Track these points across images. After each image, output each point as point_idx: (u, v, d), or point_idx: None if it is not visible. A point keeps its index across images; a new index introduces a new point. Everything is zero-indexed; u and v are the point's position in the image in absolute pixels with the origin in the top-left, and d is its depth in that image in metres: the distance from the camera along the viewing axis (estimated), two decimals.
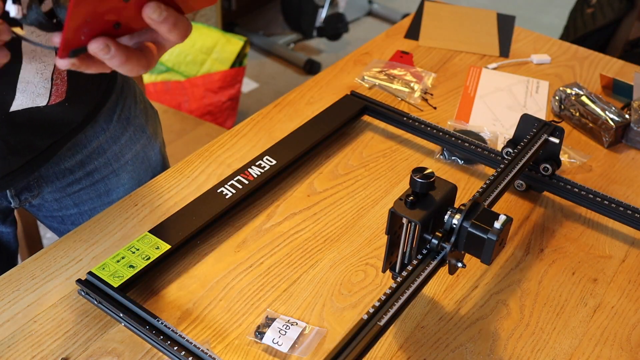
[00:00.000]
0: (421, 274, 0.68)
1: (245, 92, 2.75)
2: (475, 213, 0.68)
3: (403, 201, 0.69)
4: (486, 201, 0.77)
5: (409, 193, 0.69)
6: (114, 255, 0.74)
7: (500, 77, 1.23)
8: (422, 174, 0.68)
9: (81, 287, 0.71)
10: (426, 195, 0.69)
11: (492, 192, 0.79)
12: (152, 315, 0.67)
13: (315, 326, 0.73)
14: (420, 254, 0.70)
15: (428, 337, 0.74)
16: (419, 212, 0.68)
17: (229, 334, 0.72)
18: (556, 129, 0.90)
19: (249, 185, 0.87)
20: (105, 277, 0.71)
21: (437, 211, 0.69)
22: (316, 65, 2.90)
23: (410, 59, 1.24)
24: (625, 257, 0.86)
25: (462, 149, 0.96)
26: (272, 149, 0.94)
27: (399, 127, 1.03)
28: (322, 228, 0.86)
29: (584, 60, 1.29)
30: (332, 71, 1.19)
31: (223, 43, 2.35)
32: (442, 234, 0.69)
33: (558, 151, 0.90)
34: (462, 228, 0.67)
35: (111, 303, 0.69)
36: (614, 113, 1.06)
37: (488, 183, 0.80)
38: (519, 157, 0.86)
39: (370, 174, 0.96)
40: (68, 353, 0.68)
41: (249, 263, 0.80)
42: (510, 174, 0.82)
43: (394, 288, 0.66)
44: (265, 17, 3.30)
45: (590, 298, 0.80)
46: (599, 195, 0.88)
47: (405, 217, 0.68)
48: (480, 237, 0.67)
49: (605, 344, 0.75)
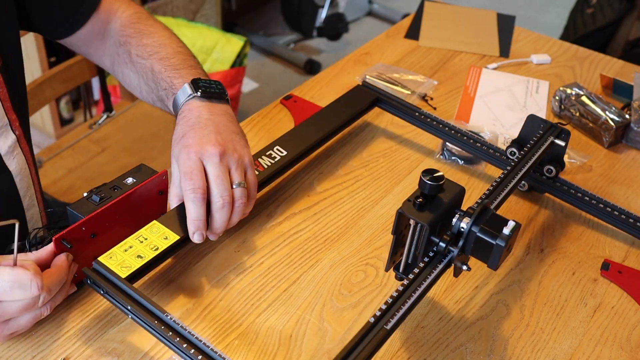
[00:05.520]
0: (427, 277, 0.67)
1: (245, 92, 2.75)
2: (484, 218, 0.67)
3: (411, 202, 0.68)
4: (493, 204, 0.77)
5: (418, 195, 0.68)
6: (122, 244, 0.71)
7: (500, 77, 1.23)
8: (431, 176, 0.67)
9: (88, 276, 0.68)
10: (435, 197, 0.68)
11: (499, 194, 0.78)
12: (160, 310, 0.65)
13: (315, 326, 0.73)
14: (427, 256, 0.69)
15: (428, 337, 0.74)
16: (427, 215, 0.67)
17: (229, 334, 0.72)
18: (562, 131, 0.89)
19: (260, 175, 0.85)
20: (113, 266, 0.69)
21: (445, 214, 0.69)
22: (316, 65, 2.90)
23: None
24: (625, 257, 0.86)
25: (471, 147, 0.95)
26: (283, 139, 0.92)
27: (409, 121, 1.00)
28: (322, 228, 0.86)
29: (584, 60, 1.29)
30: (332, 71, 1.19)
31: (223, 43, 2.35)
32: (450, 237, 0.68)
33: (563, 153, 0.90)
34: (471, 232, 0.67)
35: (119, 294, 0.66)
36: (614, 113, 1.06)
37: (495, 185, 0.79)
38: (525, 159, 0.85)
39: (371, 174, 0.96)
40: (68, 353, 0.68)
41: (249, 263, 0.80)
42: (516, 177, 0.82)
43: (400, 291, 0.65)
44: (265, 17, 3.30)
45: (590, 298, 0.80)
46: (602, 202, 0.87)
47: (413, 219, 0.68)
48: (488, 243, 0.66)
49: (605, 344, 0.74)
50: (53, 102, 2.22)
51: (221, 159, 0.73)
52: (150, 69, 0.86)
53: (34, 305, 0.64)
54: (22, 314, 0.64)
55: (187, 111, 0.79)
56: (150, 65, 0.86)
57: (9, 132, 0.84)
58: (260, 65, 2.97)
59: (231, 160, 0.74)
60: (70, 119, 2.37)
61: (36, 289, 0.62)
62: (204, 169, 0.73)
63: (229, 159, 0.74)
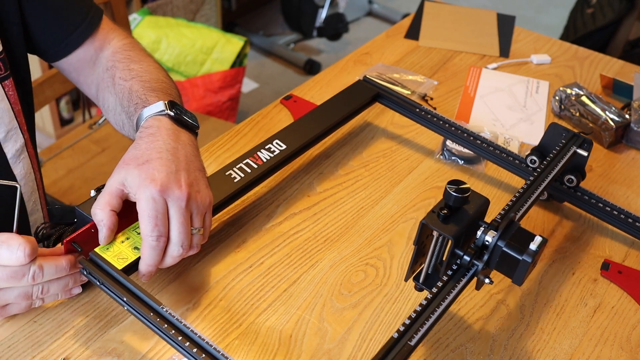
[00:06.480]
0: (451, 292, 0.66)
1: (245, 92, 2.75)
2: (510, 232, 0.66)
3: (436, 214, 0.66)
4: (516, 215, 0.75)
5: (442, 206, 0.66)
6: (119, 235, 0.70)
7: (500, 77, 1.22)
8: (457, 187, 0.66)
9: (84, 267, 0.68)
10: (459, 208, 0.67)
11: (522, 205, 0.76)
12: (156, 302, 0.64)
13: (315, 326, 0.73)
14: (450, 269, 0.68)
15: (428, 337, 0.74)
16: (452, 227, 0.66)
17: (229, 334, 0.72)
18: (585, 140, 0.88)
19: (258, 169, 0.84)
20: (110, 258, 0.68)
21: (469, 226, 0.67)
22: (316, 65, 2.90)
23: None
24: (625, 257, 0.86)
25: (468, 142, 0.94)
26: (282, 133, 0.91)
27: (410, 117, 1.00)
28: (322, 228, 0.86)
29: (584, 60, 1.29)
30: (332, 71, 1.19)
31: (223, 43, 2.35)
32: (474, 250, 0.67)
33: (584, 163, 0.88)
34: (496, 247, 0.65)
35: (115, 286, 0.66)
36: (614, 113, 1.06)
37: (517, 196, 0.77)
38: (548, 169, 0.83)
39: (371, 174, 0.96)
40: (68, 353, 0.68)
41: (249, 263, 0.80)
42: (539, 188, 0.80)
43: (423, 305, 0.64)
44: (265, 17, 3.30)
45: (590, 298, 0.80)
46: (624, 212, 0.86)
47: (438, 231, 0.66)
48: (514, 258, 0.65)
49: (605, 344, 0.74)
50: (53, 102, 2.22)
51: (187, 205, 0.68)
52: (129, 89, 0.82)
53: (22, 276, 0.62)
54: (8, 284, 0.63)
55: (154, 128, 0.74)
56: (130, 86, 0.82)
57: (19, 135, 0.84)
58: (260, 65, 2.97)
59: (194, 205, 0.69)
60: (70, 119, 2.37)
61: (22, 254, 0.61)
62: (167, 209, 0.68)
63: (192, 204, 0.69)
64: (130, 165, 0.69)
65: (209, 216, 0.73)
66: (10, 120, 0.82)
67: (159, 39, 2.29)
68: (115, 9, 1.48)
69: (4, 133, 0.82)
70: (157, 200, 0.67)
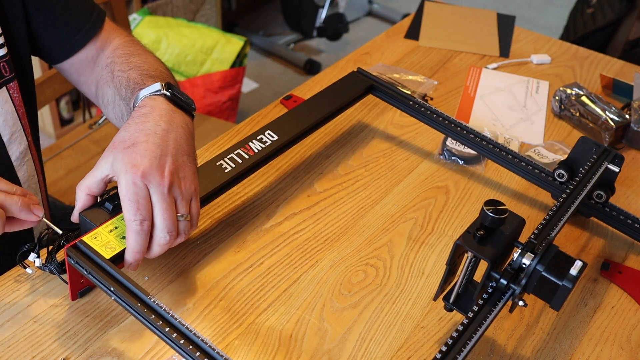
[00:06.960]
0: (488, 316, 0.64)
1: (245, 92, 2.75)
2: (549, 256, 0.64)
3: (471, 234, 0.64)
4: (550, 234, 0.72)
5: (478, 227, 0.64)
6: (107, 225, 0.69)
7: (500, 77, 1.23)
8: (495, 208, 0.64)
9: (71, 256, 0.66)
10: (495, 229, 0.65)
11: (556, 224, 0.74)
12: (144, 292, 0.63)
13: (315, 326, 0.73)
14: (486, 292, 0.66)
15: (428, 337, 0.74)
16: (489, 249, 0.64)
17: (229, 334, 0.72)
18: (616, 156, 0.86)
19: (249, 160, 0.83)
20: (97, 247, 0.67)
21: (505, 247, 0.66)
22: (316, 65, 2.90)
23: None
24: (625, 257, 0.86)
25: (467, 140, 0.93)
26: (274, 124, 0.90)
27: (405, 110, 0.98)
28: (322, 228, 0.86)
29: (584, 60, 1.29)
30: (332, 71, 1.19)
31: (223, 43, 2.35)
32: (511, 273, 0.65)
33: (614, 179, 0.86)
34: (535, 271, 0.63)
35: (102, 275, 0.65)
36: (614, 113, 1.06)
37: (551, 214, 0.75)
38: (580, 186, 0.81)
39: (370, 174, 0.96)
40: (68, 353, 0.68)
41: (249, 263, 0.80)
42: (572, 206, 0.77)
43: (460, 331, 0.63)
44: (265, 17, 3.30)
45: (590, 298, 0.80)
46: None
47: (474, 253, 0.64)
48: (554, 283, 0.63)
49: (605, 344, 0.75)
50: (53, 102, 2.22)
51: (169, 191, 0.67)
52: (127, 78, 0.81)
53: None
54: None
55: (148, 107, 0.73)
56: (127, 75, 0.81)
57: (23, 138, 0.84)
58: (260, 65, 2.97)
59: (177, 191, 0.69)
60: (70, 119, 2.37)
61: None
62: (149, 195, 0.67)
63: (175, 190, 0.68)
64: (117, 149, 0.69)
65: (196, 203, 0.72)
66: (15, 122, 0.82)
67: (159, 39, 2.29)
68: (115, 9, 1.48)
69: (9, 135, 0.82)
70: (138, 185, 0.66)
